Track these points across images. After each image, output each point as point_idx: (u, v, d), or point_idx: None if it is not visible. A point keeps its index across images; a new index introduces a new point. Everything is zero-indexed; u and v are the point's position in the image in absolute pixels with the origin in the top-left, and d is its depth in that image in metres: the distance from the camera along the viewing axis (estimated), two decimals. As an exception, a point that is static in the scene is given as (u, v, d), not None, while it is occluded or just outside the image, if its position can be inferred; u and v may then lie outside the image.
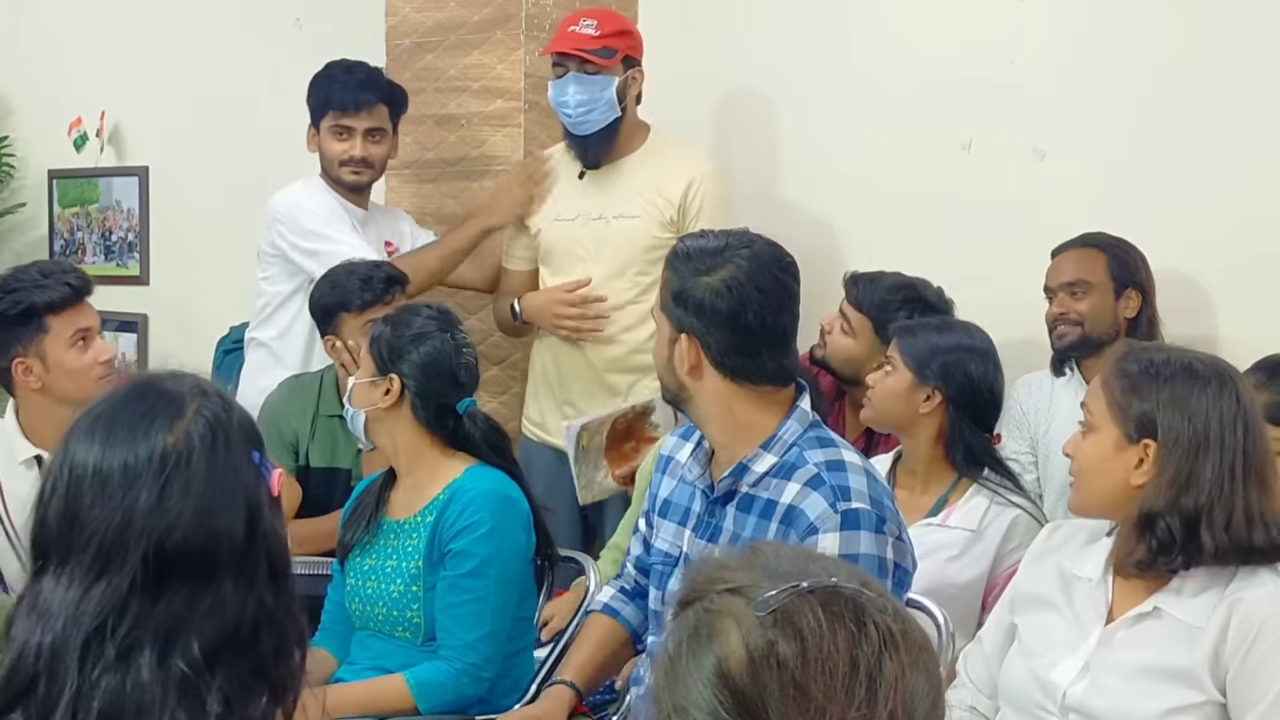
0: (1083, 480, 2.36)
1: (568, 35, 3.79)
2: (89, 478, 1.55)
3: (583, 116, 3.78)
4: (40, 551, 1.57)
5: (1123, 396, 2.28)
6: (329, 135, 4.05)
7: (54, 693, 1.48)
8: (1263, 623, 2.17)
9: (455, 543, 2.91)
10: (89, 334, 3.22)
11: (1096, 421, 2.32)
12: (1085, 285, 3.59)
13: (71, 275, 3.25)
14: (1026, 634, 2.42)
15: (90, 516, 1.53)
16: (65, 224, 5.78)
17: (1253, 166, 3.69)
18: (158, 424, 1.57)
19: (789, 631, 1.26)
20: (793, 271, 2.50)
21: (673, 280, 2.48)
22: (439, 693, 2.88)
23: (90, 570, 1.52)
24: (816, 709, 1.23)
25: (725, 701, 1.25)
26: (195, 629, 1.51)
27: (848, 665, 1.25)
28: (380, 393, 2.99)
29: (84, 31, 5.62)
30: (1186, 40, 3.78)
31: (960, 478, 3.14)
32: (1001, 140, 4.03)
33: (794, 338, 2.51)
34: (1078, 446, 2.37)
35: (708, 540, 2.51)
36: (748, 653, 1.25)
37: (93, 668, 1.49)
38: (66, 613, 1.50)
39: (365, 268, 3.72)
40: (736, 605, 1.29)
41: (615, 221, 3.83)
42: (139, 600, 1.51)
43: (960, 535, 3.07)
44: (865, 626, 1.27)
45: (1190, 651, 2.21)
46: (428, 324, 3.04)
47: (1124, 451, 2.28)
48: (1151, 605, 2.26)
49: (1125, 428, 2.28)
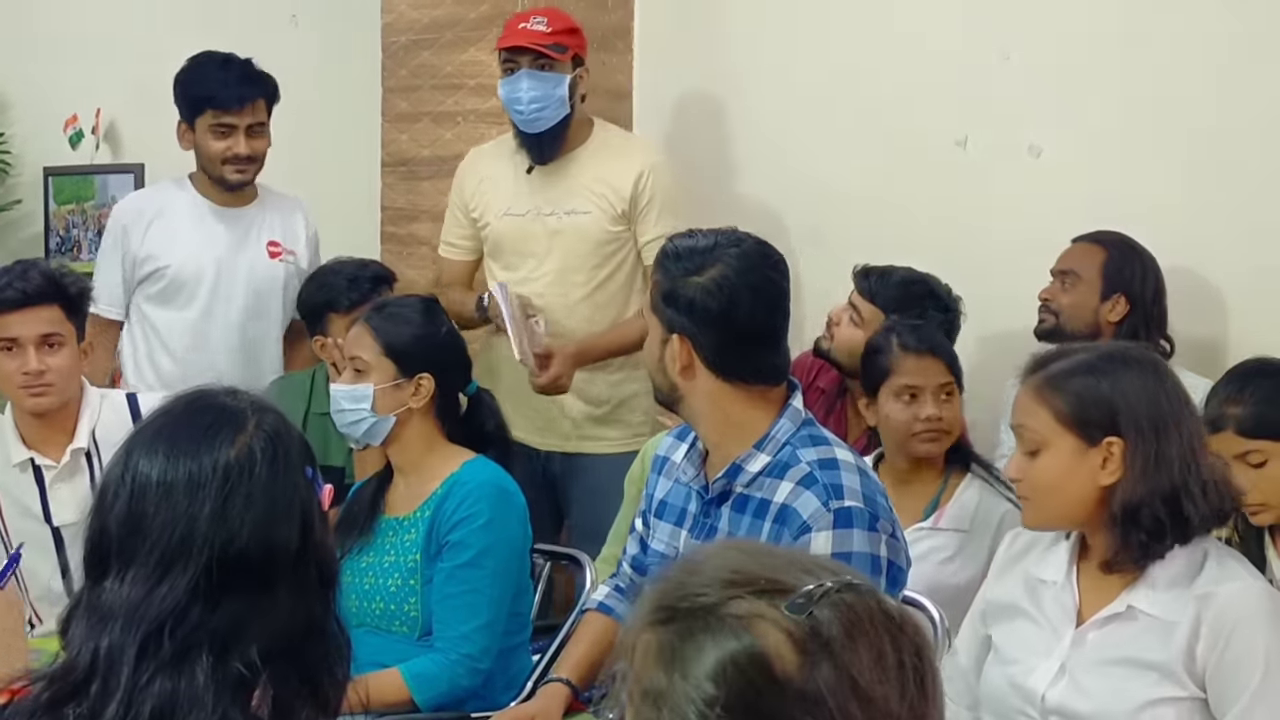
0: (1042, 498, 2.30)
1: (521, 31, 3.76)
2: (153, 487, 1.60)
3: (536, 114, 3.75)
4: (100, 557, 1.61)
5: (1069, 404, 2.25)
6: (208, 133, 3.98)
7: (108, 691, 1.52)
8: (1236, 621, 2.17)
9: (453, 534, 2.92)
10: (15, 344, 3.18)
11: (1044, 438, 2.27)
12: (1074, 278, 3.59)
13: (26, 282, 3.19)
14: (1001, 643, 2.41)
15: (154, 524, 1.58)
16: (61, 221, 5.78)
17: (1251, 165, 3.69)
18: (221, 437, 1.62)
19: (839, 627, 1.23)
20: (782, 269, 2.50)
21: (663, 280, 2.47)
22: (434, 684, 2.88)
23: (152, 575, 1.56)
24: (878, 702, 1.22)
25: (757, 702, 1.21)
26: (252, 635, 1.56)
27: (895, 660, 1.24)
28: (408, 394, 3.00)
29: (80, 29, 5.62)
30: (1184, 37, 3.78)
31: (951, 473, 3.16)
32: (997, 137, 4.03)
33: (785, 335, 2.51)
34: (1026, 468, 2.30)
35: (704, 540, 2.50)
36: (795, 653, 1.21)
37: (147, 669, 1.53)
38: (126, 614, 1.55)
39: (351, 267, 3.72)
40: (760, 607, 1.24)
41: (566, 217, 3.81)
42: (199, 606, 1.56)
43: (952, 537, 3.08)
44: (894, 620, 1.26)
45: (1165, 645, 2.21)
46: (427, 316, 3.08)
47: (1085, 456, 2.24)
48: (1125, 605, 2.26)
49: (1082, 433, 2.24)
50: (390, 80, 4.51)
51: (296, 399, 3.76)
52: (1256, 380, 2.75)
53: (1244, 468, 2.73)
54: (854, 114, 4.26)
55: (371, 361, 3.02)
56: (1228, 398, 2.74)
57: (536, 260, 3.83)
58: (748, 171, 4.46)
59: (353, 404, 3.02)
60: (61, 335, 3.21)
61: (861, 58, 4.24)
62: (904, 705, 1.23)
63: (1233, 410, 2.71)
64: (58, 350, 3.20)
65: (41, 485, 3.26)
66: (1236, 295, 3.73)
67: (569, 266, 3.83)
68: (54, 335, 3.20)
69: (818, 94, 4.32)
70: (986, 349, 4.01)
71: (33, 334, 3.18)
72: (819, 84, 4.32)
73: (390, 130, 4.52)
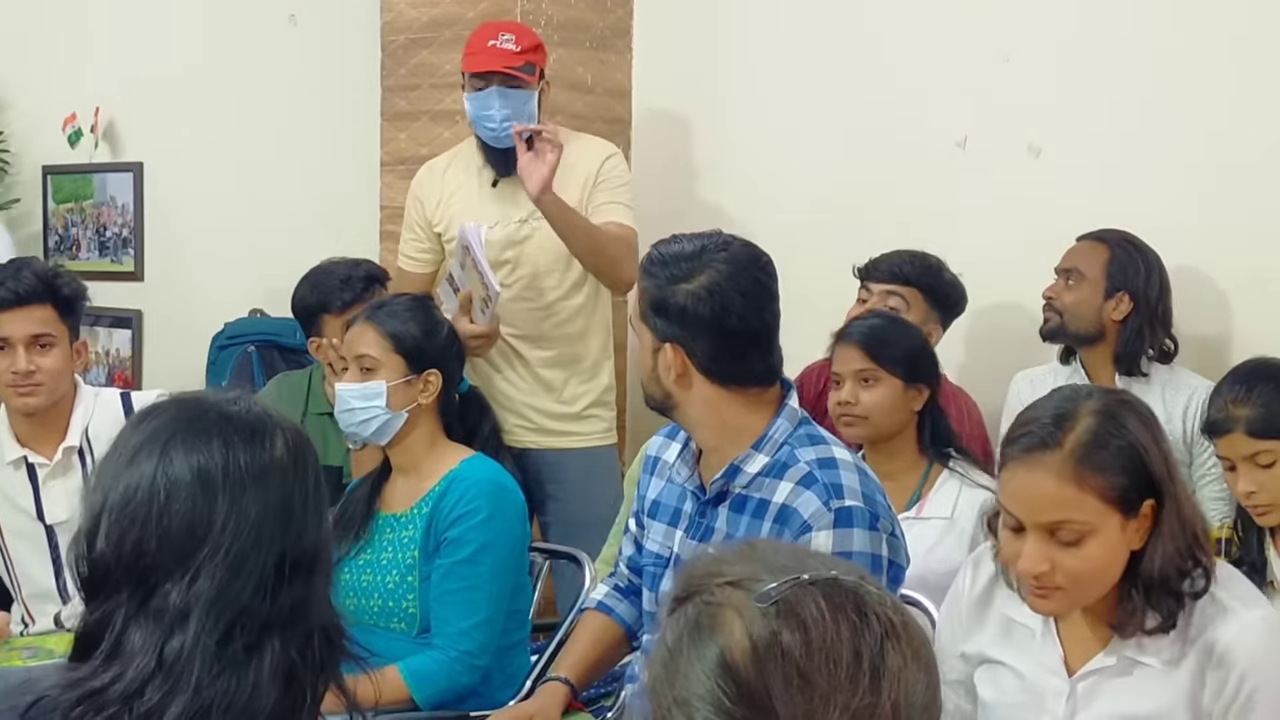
0: (1084, 588, 2.06)
1: (492, 52, 3.76)
2: (220, 487, 1.59)
3: (506, 130, 3.75)
4: (154, 563, 1.57)
5: (1109, 480, 2.01)
6: None
7: (175, 690, 1.52)
8: (1245, 669, 2.03)
9: (451, 530, 2.92)
10: (6, 343, 3.17)
11: (1092, 526, 2.02)
12: (1078, 276, 3.58)
13: (18, 282, 3.18)
14: (988, 699, 2.25)
15: (225, 523, 1.58)
16: (60, 220, 5.77)
17: (1251, 164, 3.69)
18: (267, 437, 1.64)
19: (792, 621, 1.26)
20: (770, 270, 2.49)
21: (650, 289, 2.45)
22: (433, 681, 2.87)
23: (227, 571, 1.57)
24: (820, 698, 1.24)
25: (729, 692, 1.25)
26: (306, 625, 1.60)
27: (851, 655, 1.25)
28: (418, 390, 3.00)
29: (78, 27, 5.61)
30: (1183, 36, 3.78)
31: (931, 466, 3.16)
32: (996, 138, 4.03)
33: (777, 336, 2.50)
34: (1062, 559, 2.03)
35: (699, 541, 2.50)
36: (751, 643, 1.26)
37: (219, 664, 1.54)
38: (201, 613, 1.55)
39: (343, 267, 3.72)
40: (737, 597, 1.29)
41: (536, 223, 3.81)
42: (266, 600, 1.57)
43: (936, 525, 3.11)
44: (867, 617, 1.27)
45: (1165, 691, 2.08)
46: (426, 313, 3.09)
47: (1127, 530, 2.04)
48: (1115, 658, 2.10)
49: (1123, 509, 2.02)
50: (389, 79, 4.51)
51: (295, 399, 3.77)
52: (1262, 381, 2.75)
53: (1252, 469, 2.72)
54: (854, 114, 4.25)
55: (381, 359, 3.01)
56: (1234, 399, 2.74)
57: (509, 267, 3.84)
58: (747, 171, 4.45)
59: (364, 402, 3.00)
60: (52, 335, 3.20)
61: (861, 58, 4.24)
62: (855, 696, 1.24)
63: (1240, 412, 2.71)
64: (48, 350, 3.20)
65: (35, 483, 3.26)
66: (1237, 296, 3.72)
67: (540, 272, 3.86)
68: (45, 335, 3.19)
69: (817, 94, 4.32)
70: (986, 348, 4.01)
71: (23, 334, 3.17)
72: (819, 83, 4.31)
73: (389, 129, 4.52)
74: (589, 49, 4.49)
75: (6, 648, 3.15)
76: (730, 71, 4.47)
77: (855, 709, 1.24)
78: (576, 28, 4.45)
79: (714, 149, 4.52)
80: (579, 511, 3.83)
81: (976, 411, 3.69)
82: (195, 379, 4.41)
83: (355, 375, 3.03)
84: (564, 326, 3.89)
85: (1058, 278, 3.63)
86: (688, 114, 4.56)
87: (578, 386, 3.93)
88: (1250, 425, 2.66)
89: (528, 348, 3.88)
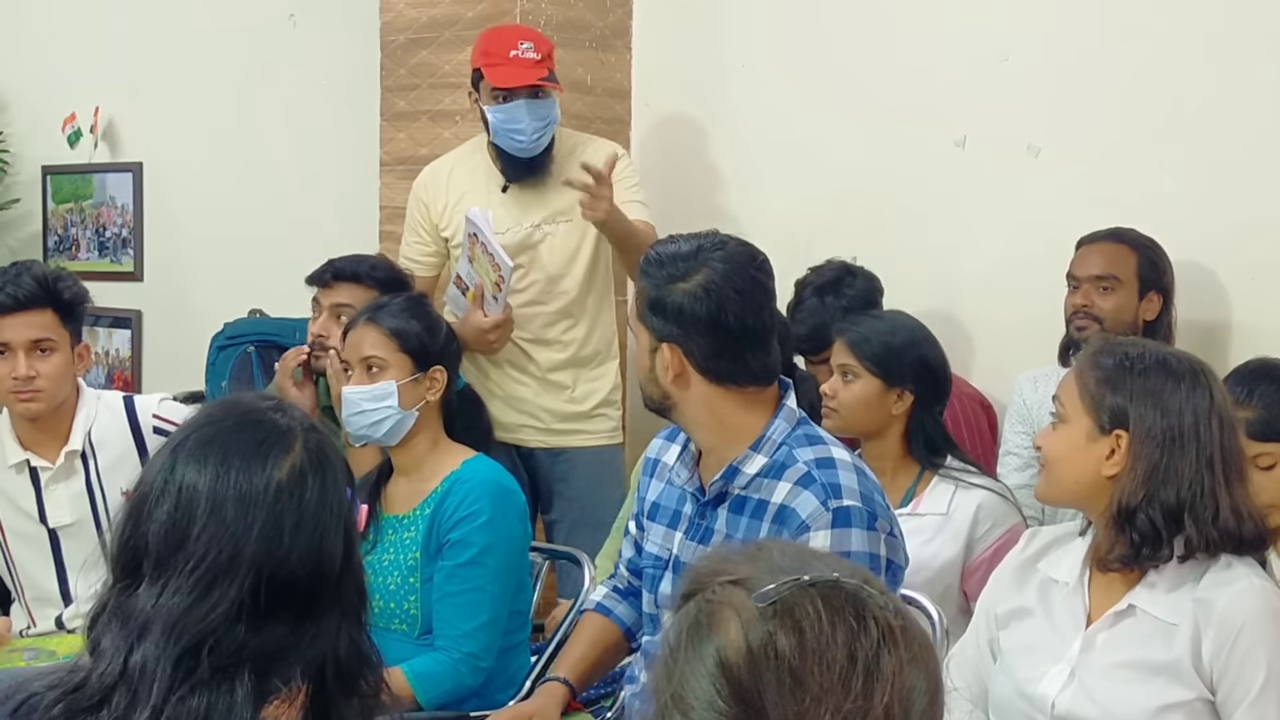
0: (1052, 468, 2.36)
1: (517, 64, 3.75)
2: (202, 500, 1.57)
3: (536, 141, 3.78)
4: (134, 561, 1.57)
5: (1096, 388, 2.28)
6: None
7: (135, 703, 1.50)
8: (1243, 623, 2.18)
9: (454, 532, 2.92)
10: (6, 348, 3.16)
11: (1068, 413, 2.32)
12: (1114, 282, 3.55)
13: (18, 287, 3.16)
14: (1008, 646, 2.41)
15: (200, 538, 1.55)
16: (59, 220, 5.78)
17: (1251, 164, 3.69)
18: (272, 455, 1.60)
19: (788, 623, 1.26)
20: (767, 269, 2.50)
21: (648, 288, 2.46)
22: (437, 683, 2.88)
23: (194, 590, 1.54)
24: (812, 700, 1.24)
25: (723, 691, 1.25)
26: (295, 657, 1.55)
27: (845, 658, 1.25)
28: (425, 388, 3.01)
29: (78, 27, 5.61)
30: (1183, 36, 3.78)
31: (923, 470, 3.16)
32: (995, 137, 4.03)
33: (774, 335, 2.50)
34: (1047, 437, 2.37)
35: (699, 543, 2.50)
36: (746, 643, 1.26)
37: (182, 684, 1.50)
38: (163, 627, 1.52)
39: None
40: (737, 597, 1.30)
41: (548, 226, 3.85)
42: (243, 626, 1.53)
43: (931, 520, 3.12)
44: (865, 621, 1.27)
45: (1169, 646, 2.22)
46: (424, 311, 3.10)
47: (1095, 442, 2.27)
48: (1127, 603, 2.27)
49: (1097, 418, 2.27)
50: (389, 79, 4.51)
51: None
52: (1263, 383, 2.75)
53: (1253, 471, 2.72)
54: (853, 113, 4.25)
55: (389, 358, 3.01)
56: (1234, 402, 2.73)
57: (522, 271, 3.84)
58: (746, 172, 4.45)
59: (375, 403, 2.99)
60: (53, 340, 3.19)
61: (861, 57, 4.24)
62: (847, 699, 1.24)
63: (1241, 414, 2.70)
64: (49, 356, 3.18)
65: (37, 486, 3.25)
66: (1235, 294, 3.72)
67: (553, 275, 3.89)
68: (45, 341, 3.18)
69: (817, 94, 4.32)
70: (986, 347, 4.01)
71: (23, 339, 3.16)
72: (818, 84, 4.31)
73: (389, 129, 4.52)
74: (589, 49, 4.50)
75: (8, 649, 3.16)
76: (730, 71, 4.47)
77: (847, 712, 1.24)
78: (576, 28, 4.45)
79: (713, 149, 4.51)
80: (586, 511, 3.85)
81: (983, 419, 3.71)
82: (195, 379, 4.40)
83: (362, 377, 3.02)
84: (575, 329, 3.92)
85: (1082, 286, 3.57)
86: (687, 114, 4.56)
87: (587, 385, 3.95)
88: (1251, 428, 2.66)
89: (540, 350, 3.90)
